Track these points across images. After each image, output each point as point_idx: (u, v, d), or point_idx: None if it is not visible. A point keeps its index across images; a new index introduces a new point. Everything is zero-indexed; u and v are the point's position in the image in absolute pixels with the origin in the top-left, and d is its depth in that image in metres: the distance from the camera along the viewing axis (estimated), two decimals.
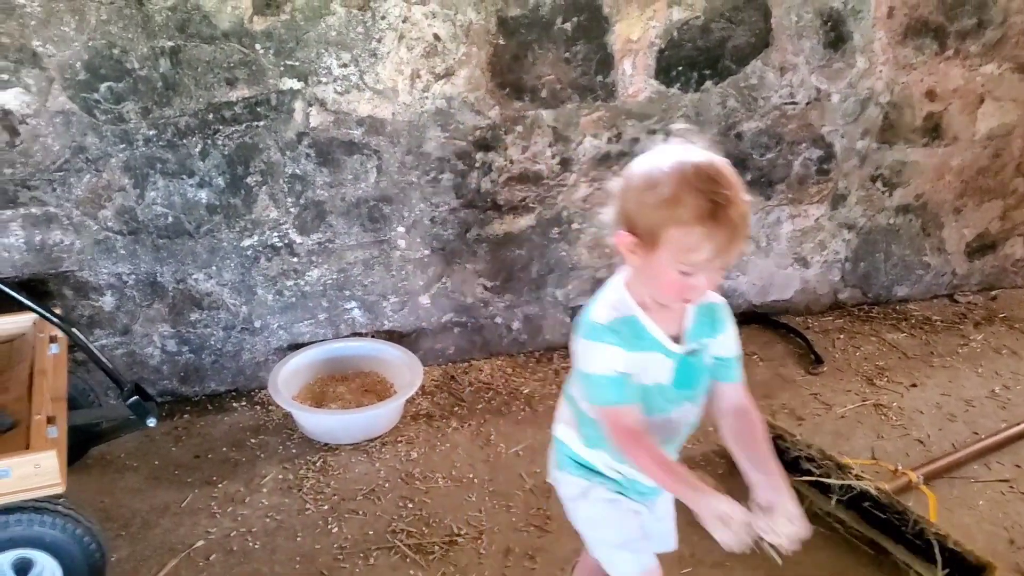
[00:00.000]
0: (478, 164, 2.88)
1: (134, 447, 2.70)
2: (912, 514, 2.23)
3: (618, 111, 2.94)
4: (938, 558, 2.13)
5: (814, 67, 3.08)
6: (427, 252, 2.97)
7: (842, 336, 3.41)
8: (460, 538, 2.37)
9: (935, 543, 2.15)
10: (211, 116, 2.59)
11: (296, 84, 2.62)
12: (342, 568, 2.27)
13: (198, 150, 2.62)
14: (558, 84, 2.84)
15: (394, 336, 3.06)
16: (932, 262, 3.62)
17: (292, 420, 2.80)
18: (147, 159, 2.59)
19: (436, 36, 2.67)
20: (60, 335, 2.37)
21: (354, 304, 2.98)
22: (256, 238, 2.78)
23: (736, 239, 1.36)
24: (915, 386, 3.09)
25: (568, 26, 2.77)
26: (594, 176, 3.01)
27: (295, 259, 2.85)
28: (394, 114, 2.74)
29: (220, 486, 2.57)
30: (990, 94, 3.33)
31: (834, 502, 2.34)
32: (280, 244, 2.81)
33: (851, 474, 2.35)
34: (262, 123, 2.64)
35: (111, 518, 2.42)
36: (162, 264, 2.73)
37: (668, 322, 1.50)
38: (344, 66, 2.64)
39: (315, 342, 2.98)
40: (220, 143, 2.62)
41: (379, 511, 2.47)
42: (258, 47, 2.55)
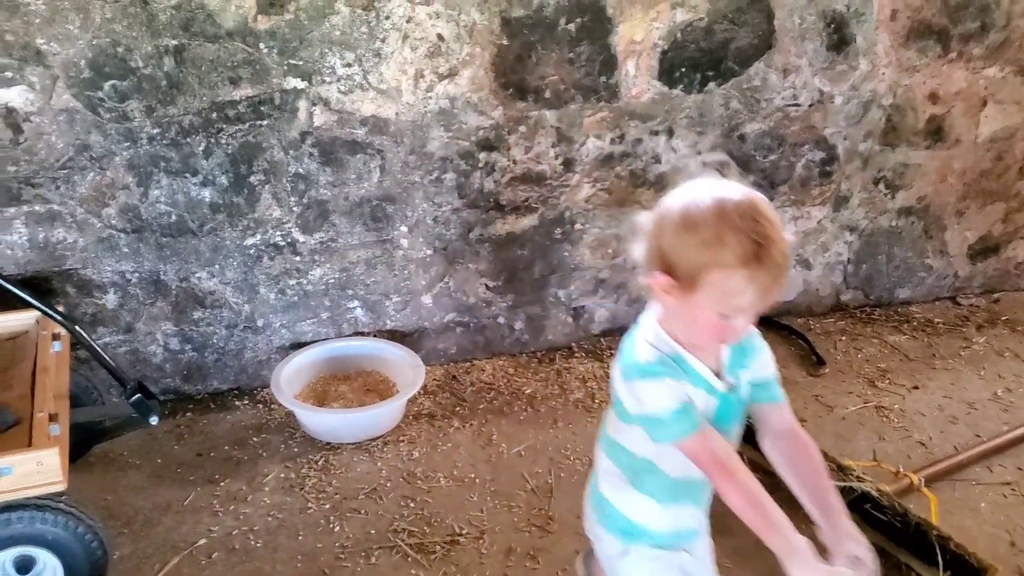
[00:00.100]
0: (481, 164, 2.89)
1: (136, 445, 2.71)
2: (914, 516, 2.23)
3: (621, 112, 2.94)
4: (940, 560, 2.13)
5: (817, 69, 3.08)
6: (430, 252, 2.97)
7: (844, 338, 3.41)
8: (462, 538, 2.37)
9: (937, 545, 2.15)
10: (215, 115, 2.59)
11: (300, 83, 2.62)
12: (344, 567, 2.27)
13: (202, 149, 2.62)
14: (561, 85, 2.84)
15: (396, 336, 3.06)
16: (934, 264, 3.62)
17: (294, 419, 2.81)
18: (151, 157, 2.59)
19: (440, 36, 2.68)
20: (63, 333, 2.37)
21: (356, 303, 2.99)
22: (259, 237, 2.78)
23: (779, 280, 1.31)
24: (917, 388, 3.09)
25: (572, 27, 2.77)
26: (597, 177, 3.01)
27: (298, 258, 2.85)
28: (397, 114, 2.74)
29: (222, 484, 2.57)
30: (993, 97, 3.33)
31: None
32: (283, 243, 2.81)
33: (852, 476, 2.35)
34: (266, 122, 2.64)
35: (113, 516, 2.42)
36: (165, 262, 2.73)
37: (707, 358, 1.46)
38: (348, 66, 2.64)
39: (317, 341, 2.99)
40: (224, 142, 2.63)
41: (381, 510, 2.47)
42: (262, 46, 2.55)
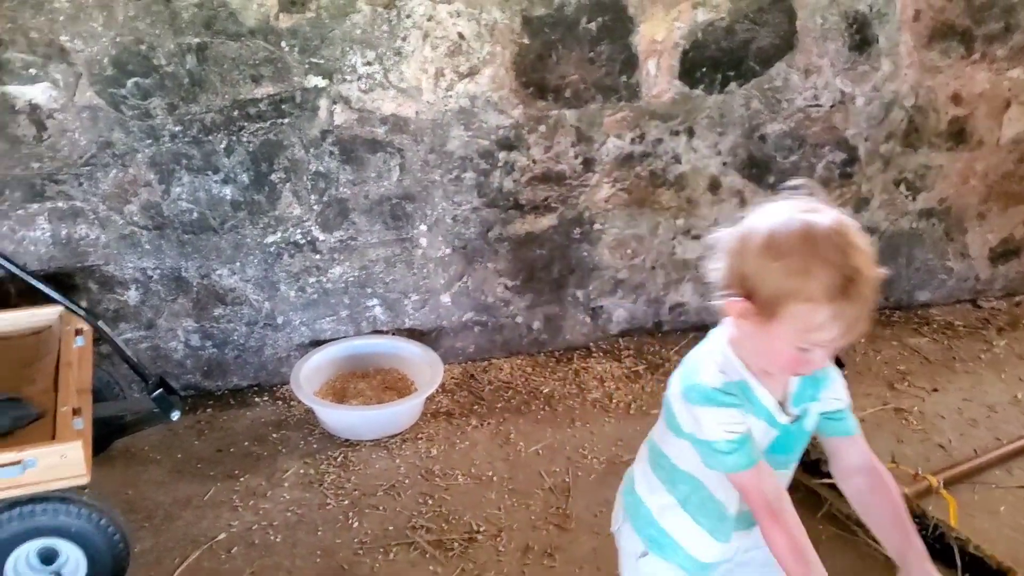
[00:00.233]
0: (501, 163, 2.89)
1: (157, 440, 2.73)
2: (932, 519, 2.22)
3: (641, 112, 2.94)
4: (958, 563, 2.13)
5: (839, 70, 3.07)
6: (448, 251, 2.98)
7: (863, 340, 3.39)
8: (479, 535, 2.38)
9: (955, 548, 2.14)
10: (236, 113, 2.61)
11: (321, 82, 2.63)
12: (362, 563, 2.28)
13: (223, 147, 2.64)
14: (582, 84, 2.85)
15: (415, 334, 3.07)
16: (955, 267, 3.60)
17: (313, 416, 2.82)
18: (173, 155, 2.61)
19: (460, 35, 2.69)
20: (86, 328, 2.39)
21: (375, 302, 3.00)
22: (279, 235, 2.80)
23: (865, 315, 1.24)
24: (936, 391, 3.07)
25: (593, 26, 2.77)
26: (617, 177, 3.01)
27: (317, 256, 2.86)
28: (418, 112, 2.75)
29: (242, 480, 2.59)
30: (1016, 98, 3.30)
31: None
32: (303, 241, 2.83)
33: None
34: (287, 120, 2.66)
35: (134, 510, 2.44)
36: (187, 259, 2.75)
37: (773, 387, 1.39)
38: (369, 64, 2.65)
39: (337, 339, 3.00)
40: (245, 140, 2.64)
41: (399, 507, 2.48)
42: (283, 44, 2.56)
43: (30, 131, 2.47)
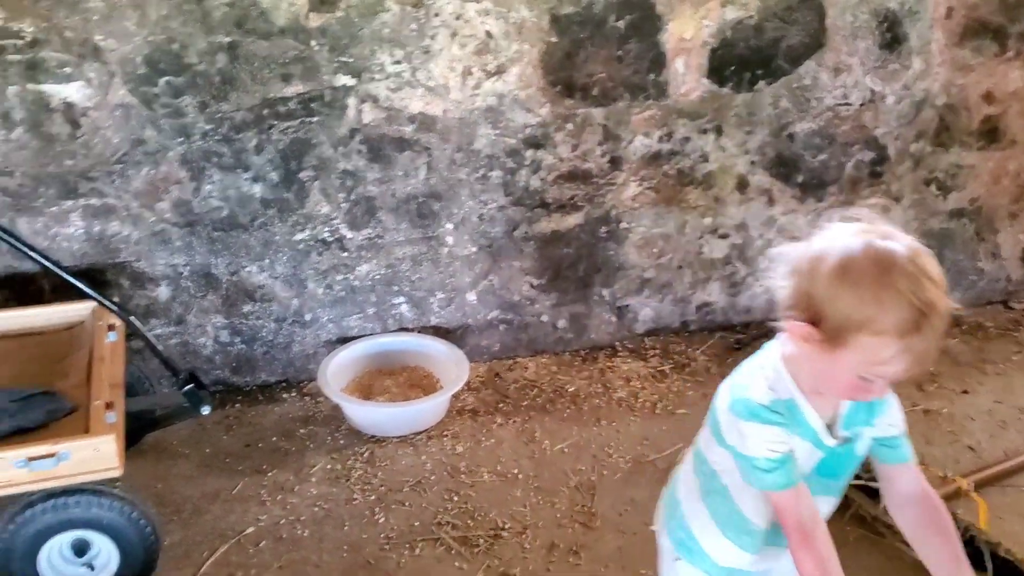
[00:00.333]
0: (527, 162, 2.90)
1: (187, 435, 2.75)
2: (962, 521, 2.20)
3: (669, 110, 2.93)
4: (988, 566, 2.11)
5: (869, 68, 3.05)
6: (475, 249, 2.99)
7: None
8: (505, 532, 2.38)
9: (985, 550, 2.12)
10: (266, 111, 2.63)
11: (349, 80, 2.65)
12: (388, 558, 2.30)
13: (253, 145, 2.66)
14: (609, 82, 2.84)
15: (440, 332, 3.08)
16: (986, 268, 3.56)
17: (340, 412, 2.84)
18: (204, 153, 2.64)
19: (488, 33, 2.69)
20: (118, 323, 2.42)
21: (402, 299, 3.01)
22: (308, 232, 2.82)
23: (934, 350, 1.20)
24: (966, 393, 3.04)
25: (621, 24, 2.77)
26: (644, 175, 3.01)
27: (345, 254, 2.88)
28: (445, 111, 2.76)
29: (270, 475, 2.61)
30: None
31: (881, 507, 2.32)
32: (331, 239, 2.85)
33: None
34: (316, 119, 2.67)
35: (164, 503, 2.47)
36: (216, 256, 2.78)
37: (823, 407, 1.35)
38: (397, 63, 2.66)
39: (363, 336, 3.02)
40: (275, 138, 2.67)
41: (425, 503, 2.49)
42: (313, 43, 2.58)
43: (64, 129, 2.51)
